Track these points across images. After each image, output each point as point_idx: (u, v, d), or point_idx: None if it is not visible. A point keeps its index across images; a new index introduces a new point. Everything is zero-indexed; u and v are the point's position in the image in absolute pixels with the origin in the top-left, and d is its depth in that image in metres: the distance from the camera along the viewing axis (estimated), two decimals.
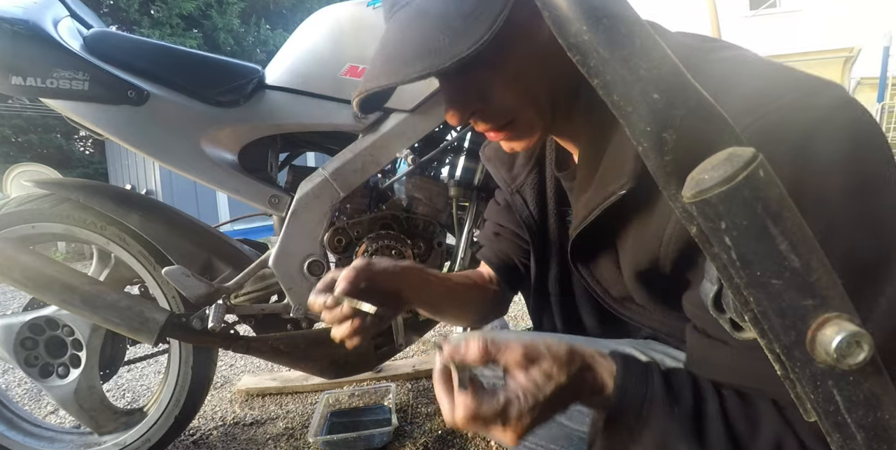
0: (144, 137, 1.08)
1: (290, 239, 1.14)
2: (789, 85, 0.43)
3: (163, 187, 5.72)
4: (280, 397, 1.71)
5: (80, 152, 8.74)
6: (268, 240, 1.59)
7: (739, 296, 0.27)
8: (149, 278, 1.21)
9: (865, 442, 0.26)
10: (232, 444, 1.45)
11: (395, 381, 1.73)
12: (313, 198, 1.14)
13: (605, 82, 0.27)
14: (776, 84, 0.43)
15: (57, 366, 1.21)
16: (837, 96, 0.41)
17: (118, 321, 1.08)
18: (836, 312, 0.25)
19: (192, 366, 1.24)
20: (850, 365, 0.24)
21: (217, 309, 1.12)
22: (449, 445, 1.36)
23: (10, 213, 1.15)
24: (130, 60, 1.09)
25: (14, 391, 1.88)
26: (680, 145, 0.27)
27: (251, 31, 9.15)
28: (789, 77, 0.44)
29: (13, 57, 0.98)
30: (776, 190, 0.25)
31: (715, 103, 0.27)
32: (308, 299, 0.63)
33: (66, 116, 1.08)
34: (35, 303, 1.22)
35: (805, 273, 0.25)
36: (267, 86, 1.17)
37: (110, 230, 1.17)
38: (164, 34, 7.73)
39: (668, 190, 0.28)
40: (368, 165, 1.16)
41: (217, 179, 1.12)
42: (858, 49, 7.23)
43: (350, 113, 1.16)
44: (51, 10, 1.08)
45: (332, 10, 1.20)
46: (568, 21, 0.27)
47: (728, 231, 0.25)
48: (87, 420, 1.24)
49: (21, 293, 2.30)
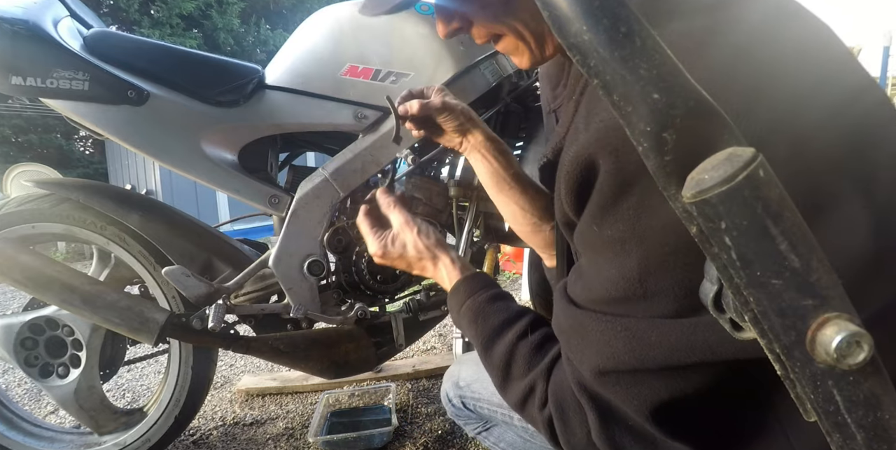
0: (144, 137, 1.08)
1: (290, 239, 1.14)
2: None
3: (163, 187, 5.72)
4: (280, 397, 1.71)
5: (80, 152, 8.75)
6: (268, 240, 1.59)
7: (739, 296, 0.27)
8: (149, 278, 1.21)
9: (865, 442, 0.26)
10: (232, 444, 1.45)
11: (395, 381, 1.73)
12: (313, 198, 1.14)
13: (605, 82, 0.27)
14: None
15: (57, 366, 1.21)
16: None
17: (118, 321, 1.08)
18: (836, 312, 0.25)
19: (192, 366, 1.24)
20: (850, 365, 0.24)
21: (217, 309, 1.12)
22: (449, 445, 1.36)
23: (10, 213, 1.15)
24: (130, 60, 1.09)
25: (14, 391, 1.88)
26: (680, 145, 0.27)
27: (251, 31, 9.16)
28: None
29: (13, 57, 0.98)
30: (776, 190, 0.25)
31: (715, 103, 0.27)
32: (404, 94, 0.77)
33: (66, 116, 1.07)
34: (35, 303, 1.22)
35: (805, 273, 0.25)
36: (267, 86, 1.17)
37: (110, 230, 1.17)
38: (164, 34, 7.74)
39: (668, 190, 0.28)
40: (368, 165, 1.16)
41: (217, 179, 1.12)
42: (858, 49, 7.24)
43: (350, 113, 1.16)
44: (51, 10, 1.08)
45: (332, 10, 1.20)
46: (568, 21, 0.27)
47: (728, 231, 0.25)
48: (87, 420, 1.24)
49: (21, 293, 2.30)
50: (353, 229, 1.21)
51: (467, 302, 0.64)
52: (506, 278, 3.12)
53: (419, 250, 0.69)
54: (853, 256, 0.39)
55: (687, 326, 0.41)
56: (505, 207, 0.82)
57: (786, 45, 0.42)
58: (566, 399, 0.51)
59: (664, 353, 0.42)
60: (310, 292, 1.16)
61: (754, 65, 0.40)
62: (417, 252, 0.69)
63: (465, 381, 0.86)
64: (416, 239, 0.69)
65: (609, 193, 0.43)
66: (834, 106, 0.41)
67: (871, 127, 0.43)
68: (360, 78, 1.15)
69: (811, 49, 0.43)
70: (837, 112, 0.41)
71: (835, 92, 0.41)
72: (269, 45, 9.30)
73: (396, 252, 0.70)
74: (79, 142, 8.86)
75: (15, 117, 7.48)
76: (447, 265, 0.69)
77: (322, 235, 1.16)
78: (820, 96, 0.41)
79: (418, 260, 0.70)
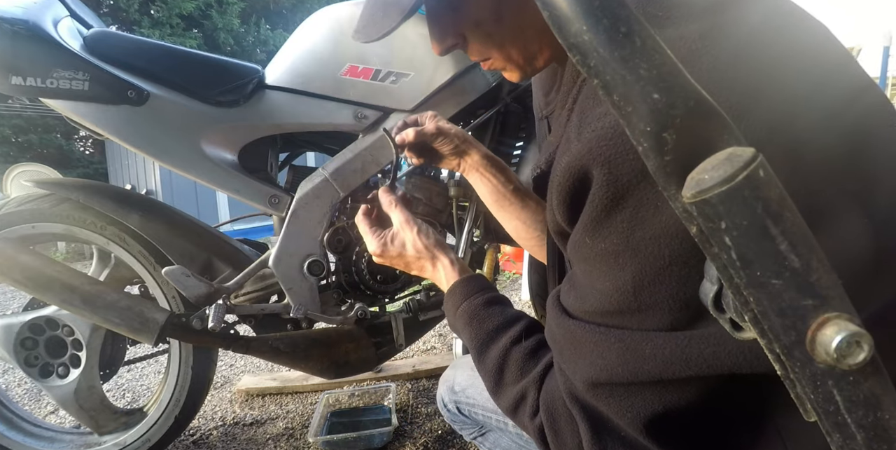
0: (144, 137, 1.08)
1: (290, 239, 1.14)
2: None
3: (163, 187, 5.72)
4: (280, 397, 1.71)
5: (80, 152, 8.74)
6: (268, 240, 1.59)
7: (739, 296, 0.27)
8: (149, 278, 1.21)
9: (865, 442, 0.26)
10: (232, 444, 1.45)
11: (395, 381, 1.73)
12: (313, 198, 1.14)
13: (605, 82, 0.27)
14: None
15: (57, 366, 1.21)
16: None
17: (118, 321, 1.08)
18: (836, 312, 0.25)
19: (192, 366, 1.24)
20: (850, 365, 0.24)
21: (217, 309, 1.12)
22: (449, 445, 1.36)
23: (10, 213, 1.15)
24: (130, 60, 1.09)
25: (14, 391, 1.88)
26: (680, 145, 0.27)
27: (251, 31, 9.15)
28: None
29: (13, 57, 0.98)
30: (776, 190, 0.25)
31: (715, 103, 0.27)
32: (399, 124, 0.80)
33: (66, 116, 1.07)
34: (35, 303, 1.22)
35: (805, 273, 0.25)
36: (267, 86, 1.17)
37: (110, 230, 1.17)
38: (164, 34, 7.73)
39: (668, 190, 0.28)
40: (368, 165, 1.16)
41: (217, 179, 1.12)
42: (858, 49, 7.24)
43: (350, 113, 1.16)
44: (51, 10, 1.08)
45: (331, 11, 1.20)
46: (568, 21, 0.27)
47: (728, 231, 0.25)
48: (87, 420, 1.24)
49: (21, 293, 2.30)
50: (353, 229, 1.21)
51: (463, 305, 0.64)
52: (506, 278, 3.12)
53: (418, 250, 0.69)
54: (853, 256, 0.39)
55: (682, 339, 0.41)
56: (507, 223, 0.82)
57: (782, 47, 0.42)
58: (557, 409, 0.50)
59: (659, 366, 0.42)
60: (310, 292, 1.16)
61: (751, 68, 0.40)
62: (416, 251, 0.69)
63: (461, 386, 0.86)
64: (415, 238, 0.69)
65: (602, 205, 0.42)
66: (832, 108, 0.41)
67: (870, 128, 0.42)
68: (360, 78, 1.15)
69: (808, 51, 0.43)
70: (835, 114, 0.41)
71: (832, 94, 0.41)
72: (269, 45, 9.29)
73: (395, 251, 0.70)
74: (79, 142, 8.86)
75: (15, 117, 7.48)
76: (446, 266, 0.68)
77: (322, 235, 1.16)
78: (817, 99, 0.41)
79: (417, 259, 0.70)
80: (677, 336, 0.41)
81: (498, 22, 0.57)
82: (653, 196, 0.40)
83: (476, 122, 1.22)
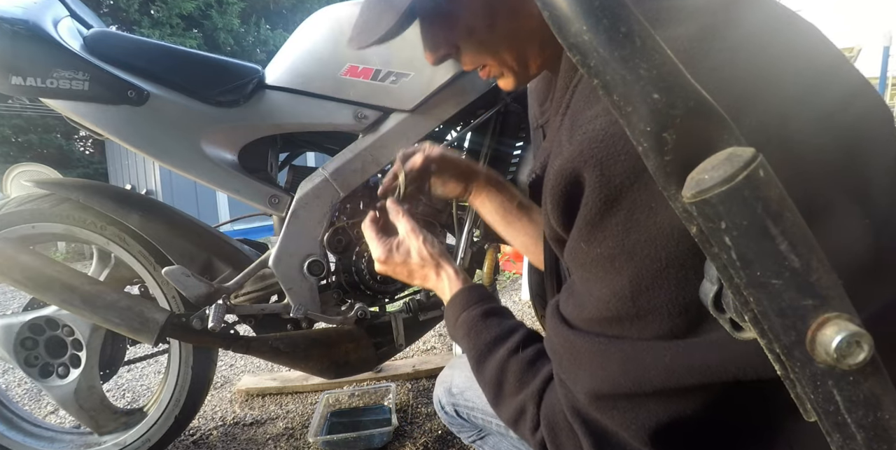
0: (144, 137, 1.08)
1: (290, 239, 1.14)
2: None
3: (163, 187, 5.72)
4: (280, 397, 1.71)
5: (80, 152, 8.73)
6: (268, 240, 1.59)
7: (739, 296, 0.27)
8: (149, 278, 1.21)
9: (865, 442, 0.26)
10: (232, 444, 1.45)
11: (395, 381, 1.73)
12: (313, 198, 1.14)
13: (605, 82, 0.27)
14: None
15: (57, 366, 1.21)
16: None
17: (118, 321, 1.08)
18: (836, 312, 0.25)
19: (192, 366, 1.24)
20: (850, 365, 0.24)
21: (217, 309, 1.12)
22: (449, 445, 1.36)
23: (10, 213, 1.15)
24: (130, 60, 1.08)
25: (14, 391, 1.88)
26: (680, 145, 0.27)
27: (251, 31, 9.14)
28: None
29: (13, 57, 0.98)
30: (776, 190, 0.25)
31: (715, 103, 0.27)
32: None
33: (66, 116, 1.07)
34: (35, 303, 1.22)
35: (805, 273, 0.25)
36: (267, 86, 1.17)
37: (110, 230, 1.17)
38: (164, 34, 7.73)
39: (668, 190, 0.28)
40: (368, 165, 1.16)
41: (217, 179, 1.12)
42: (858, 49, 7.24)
43: (350, 113, 1.16)
44: (51, 10, 1.08)
45: (331, 11, 1.20)
46: (568, 21, 0.27)
47: (728, 231, 0.25)
48: (87, 420, 1.24)
49: (21, 293, 2.30)
50: (353, 229, 1.21)
51: (462, 315, 0.64)
52: (506, 278, 3.12)
53: (423, 258, 0.69)
54: (853, 256, 0.39)
55: (683, 347, 0.41)
56: (515, 240, 0.83)
57: (777, 49, 0.41)
58: (559, 424, 0.50)
59: (661, 375, 0.41)
60: (310, 292, 1.16)
61: (744, 70, 0.40)
62: (421, 259, 0.69)
63: (459, 388, 0.85)
64: (420, 246, 0.69)
65: (595, 208, 0.42)
66: (826, 110, 0.41)
67: (865, 130, 0.42)
68: (360, 78, 1.15)
69: (802, 53, 0.42)
70: (830, 116, 0.40)
71: (827, 96, 0.41)
72: (269, 45, 9.28)
73: (400, 258, 0.70)
74: (79, 142, 8.85)
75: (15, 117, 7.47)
76: (450, 275, 0.69)
77: (322, 235, 1.16)
78: (811, 101, 0.40)
79: (421, 267, 0.70)
80: (679, 344, 0.41)
81: (491, 29, 0.57)
82: (647, 198, 0.40)
83: (476, 122, 1.22)
